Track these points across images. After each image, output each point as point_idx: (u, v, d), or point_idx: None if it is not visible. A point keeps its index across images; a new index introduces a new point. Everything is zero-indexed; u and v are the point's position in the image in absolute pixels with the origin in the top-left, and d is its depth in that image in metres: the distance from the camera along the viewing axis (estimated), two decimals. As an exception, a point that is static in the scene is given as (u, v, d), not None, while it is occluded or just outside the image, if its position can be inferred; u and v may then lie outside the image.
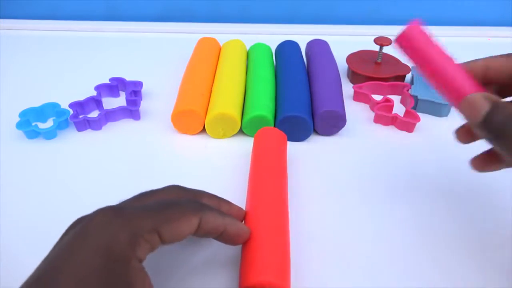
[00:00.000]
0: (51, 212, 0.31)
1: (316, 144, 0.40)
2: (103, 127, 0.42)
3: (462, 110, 0.26)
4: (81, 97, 0.43)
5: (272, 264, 0.24)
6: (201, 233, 0.24)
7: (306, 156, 0.38)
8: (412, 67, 0.49)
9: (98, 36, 0.62)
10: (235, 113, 0.39)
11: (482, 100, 0.25)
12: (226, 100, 0.40)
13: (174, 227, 0.22)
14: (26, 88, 0.48)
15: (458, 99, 0.26)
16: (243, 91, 0.43)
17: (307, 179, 0.35)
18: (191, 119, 0.39)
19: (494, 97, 0.25)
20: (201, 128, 0.40)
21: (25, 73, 0.52)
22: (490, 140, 0.25)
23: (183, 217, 0.23)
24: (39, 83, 0.50)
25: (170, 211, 0.23)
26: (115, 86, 0.46)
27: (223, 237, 0.25)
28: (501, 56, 0.27)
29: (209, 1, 0.67)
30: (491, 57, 0.27)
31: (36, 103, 0.42)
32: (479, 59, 0.27)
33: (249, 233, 0.26)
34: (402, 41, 0.28)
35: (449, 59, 0.27)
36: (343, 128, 0.40)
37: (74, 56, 0.56)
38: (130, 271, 0.20)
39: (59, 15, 0.67)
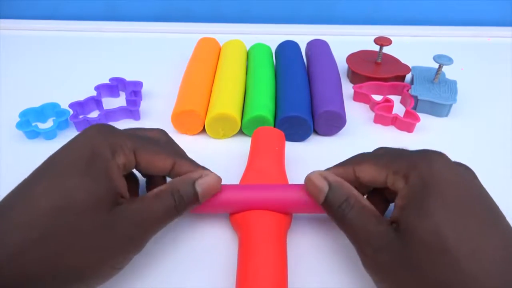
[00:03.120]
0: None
1: (316, 144, 0.40)
2: (103, 127, 0.42)
3: (308, 190, 0.27)
4: (81, 97, 0.43)
5: (269, 275, 0.24)
6: (173, 176, 0.27)
7: (306, 156, 0.38)
8: (412, 67, 0.49)
9: (98, 36, 0.62)
10: (235, 113, 0.39)
11: (321, 180, 0.25)
12: (226, 100, 0.40)
13: (149, 157, 0.26)
14: (26, 88, 0.48)
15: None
16: (243, 91, 0.43)
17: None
18: (191, 119, 0.39)
19: (331, 176, 0.26)
20: (201, 128, 0.40)
21: (25, 73, 0.52)
22: (337, 223, 0.25)
23: (159, 154, 0.27)
24: (39, 83, 0.50)
25: (150, 144, 0.27)
26: (115, 86, 0.46)
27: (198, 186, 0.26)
28: (369, 161, 0.26)
29: (209, 1, 0.67)
30: (360, 164, 0.26)
31: (36, 103, 0.42)
32: (347, 165, 0.27)
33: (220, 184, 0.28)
34: None
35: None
36: (343, 128, 0.40)
37: (74, 56, 0.56)
38: (110, 167, 0.24)
39: (59, 15, 0.67)
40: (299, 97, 0.40)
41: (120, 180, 0.24)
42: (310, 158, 0.38)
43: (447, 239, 0.20)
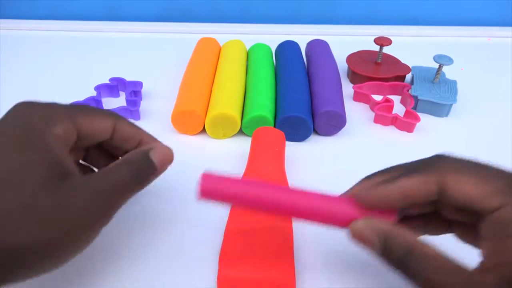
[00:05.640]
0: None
1: (316, 144, 0.40)
2: (103, 127, 0.42)
3: (355, 242, 0.22)
4: (81, 97, 0.43)
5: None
6: (118, 140, 0.26)
7: (306, 156, 0.38)
8: (412, 67, 0.49)
9: (98, 36, 0.62)
10: (235, 113, 0.39)
11: (369, 233, 0.21)
12: (226, 100, 0.40)
13: (88, 120, 0.25)
14: (26, 88, 0.48)
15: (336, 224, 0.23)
16: (243, 91, 0.43)
17: (307, 179, 0.35)
18: (191, 119, 0.39)
19: (381, 225, 0.21)
20: (201, 128, 0.40)
21: (25, 73, 0.52)
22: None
23: (97, 114, 0.25)
24: (39, 83, 0.49)
25: (86, 108, 0.26)
26: (115, 86, 0.46)
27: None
28: (413, 175, 0.21)
29: (209, 1, 0.67)
30: (406, 180, 0.21)
31: (36, 103, 0.42)
32: (393, 184, 0.21)
33: (172, 155, 0.27)
34: (208, 196, 0.23)
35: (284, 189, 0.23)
36: (343, 128, 0.40)
37: (74, 56, 0.56)
38: (48, 138, 0.22)
39: (59, 15, 0.67)
40: (299, 97, 0.40)
41: (63, 151, 0.23)
42: (310, 158, 0.38)
43: None
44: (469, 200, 0.20)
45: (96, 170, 0.29)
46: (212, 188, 0.23)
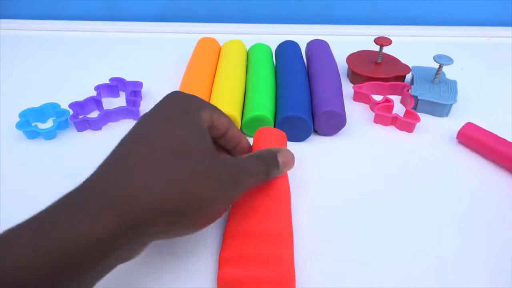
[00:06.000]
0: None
1: (316, 144, 0.40)
2: (103, 127, 0.42)
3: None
4: (81, 97, 0.43)
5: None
6: (228, 137, 0.29)
7: (306, 156, 0.38)
8: (412, 67, 0.49)
9: (98, 36, 0.62)
10: (235, 113, 0.39)
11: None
12: (226, 100, 0.40)
13: (217, 114, 0.28)
14: (26, 88, 0.48)
15: None
16: (243, 91, 0.43)
17: (307, 179, 0.35)
18: (191, 119, 0.39)
19: None
20: (201, 128, 0.40)
21: (25, 73, 0.52)
22: None
23: (221, 113, 0.28)
24: (39, 83, 0.49)
25: (214, 106, 0.28)
26: (115, 86, 0.46)
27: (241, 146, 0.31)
28: None
29: (209, 1, 0.67)
30: None
31: (36, 103, 0.42)
32: None
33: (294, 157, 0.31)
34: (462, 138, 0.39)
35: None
36: (343, 128, 0.40)
37: (74, 56, 0.56)
38: (202, 120, 0.26)
39: (59, 15, 0.67)
40: (299, 97, 0.40)
41: (208, 131, 0.26)
42: (310, 158, 0.38)
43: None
44: None
45: None
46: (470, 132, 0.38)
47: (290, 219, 0.29)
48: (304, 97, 0.41)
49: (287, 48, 0.50)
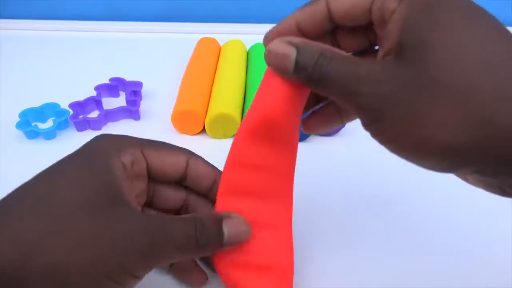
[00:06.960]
0: (51, 212, 0.31)
1: (316, 144, 0.40)
2: (103, 127, 0.42)
3: (270, 64, 0.21)
4: (81, 97, 0.43)
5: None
6: (191, 179, 0.25)
7: (306, 156, 0.38)
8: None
9: (98, 36, 0.62)
10: (235, 113, 0.39)
11: (282, 45, 0.20)
12: (226, 100, 0.40)
13: (160, 153, 0.24)
14: (26, 88, 0.48)
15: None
16: (243, 91, 0.43)
17: (307, 179, 0.35)
18: (191, 119, 0.39)
19: (295, 38, 0.20)
20: (201, 128, 0.40)
21: (25, 73, 0.52)
22: (315, 89, 0.21)
23: (170, 149, 0.24)
24: (39, 83, 0.49)
25: (159, 142, 0.25)
26: (115, 86, 0.46)
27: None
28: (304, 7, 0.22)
29: (209, 1, 0.67)
30: (298, 11, 0.22)
31: (36, 103, 0.42)
32: (289, 19, 0.22)
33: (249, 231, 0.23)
34: None
35: None
36: (343, 128, 0.40)
37: (74, 56, 0.56)
38: (112, 163, 0.21)
39: (59, 15, 0.67)
40: (299, 97, 0.40)
41: (125, 180, 0.22)
42: (310, 158, 0.38)
43: (466, 48, 0.17)
44: (349, 8, 0.20)
45: None
46: None
47: (290, 216, 0.29)
48: (304, 97, 0.41)
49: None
